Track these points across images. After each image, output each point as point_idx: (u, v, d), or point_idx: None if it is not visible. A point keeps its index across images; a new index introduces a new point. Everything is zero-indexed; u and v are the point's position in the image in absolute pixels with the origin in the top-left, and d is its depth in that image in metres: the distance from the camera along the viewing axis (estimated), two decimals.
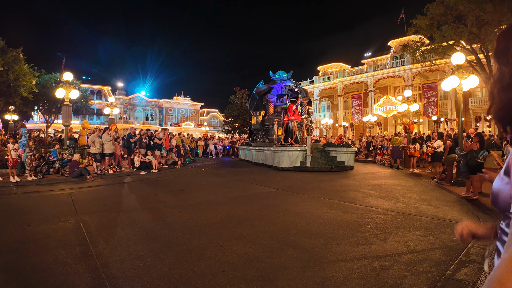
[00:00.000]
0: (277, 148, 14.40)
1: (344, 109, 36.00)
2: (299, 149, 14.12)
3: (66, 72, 13.27)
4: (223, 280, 3.14)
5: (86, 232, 4.71)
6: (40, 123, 37.86)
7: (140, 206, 6.63)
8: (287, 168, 13.66)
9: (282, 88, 17.34)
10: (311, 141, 14.02)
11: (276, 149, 14.35)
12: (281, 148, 14.23)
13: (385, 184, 9.71)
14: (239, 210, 6.27)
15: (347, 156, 14.26)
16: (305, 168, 13.39)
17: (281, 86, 17.43)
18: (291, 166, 13.68)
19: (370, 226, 5.04)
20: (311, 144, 13.93)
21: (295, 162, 13.80)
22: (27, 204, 6.90)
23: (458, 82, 9.47)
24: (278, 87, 17.57)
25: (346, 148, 14.63)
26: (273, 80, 18.10)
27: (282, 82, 17.49)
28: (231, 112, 38.20)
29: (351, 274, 3.27)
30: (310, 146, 13.67)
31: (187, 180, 11.07)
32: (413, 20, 17.36)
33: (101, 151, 11.69)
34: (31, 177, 9.93)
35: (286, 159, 13.84)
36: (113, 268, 3.42)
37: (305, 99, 17.79)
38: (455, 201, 7.21)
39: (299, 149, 14.07)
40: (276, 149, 14.32)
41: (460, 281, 3.09)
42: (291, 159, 13.82)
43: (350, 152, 14.50)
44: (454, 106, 26.30)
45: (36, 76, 19.03)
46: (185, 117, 55.41)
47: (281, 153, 13.98)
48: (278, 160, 14.03)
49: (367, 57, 37.50)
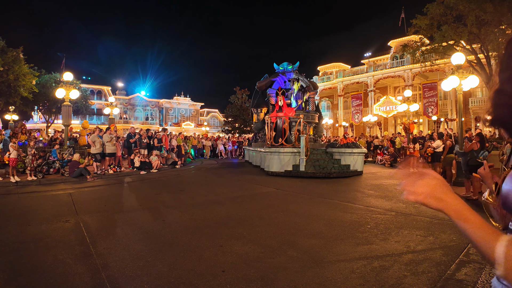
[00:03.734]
0: (266, 149, 12.63)
1: (344, 109, 36.01)
2: (291, 150, 12.03)
3: (66, 72, 13.27)
4: (223, 280, 3.14)
5: (86, 232, 4.71)
6: (40, 123, 37.84)
7: (140, 206, 6.63)
8: (277, 173, 11.71)
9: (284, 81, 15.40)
10: (307, 141, 12.04)
11: (265, 150, 12.60)
12: (270, 149, 12.34)
13: (385, 184, 9.71)
14: (239, 210, 6.28)
15: (353, 159, 12.16)
16: (298, 173, 11.44)
17: (283, 79, 15.44)
18: (281, 171, 11.73)
19: (370, 226, 5.04)
20: (307, 144, 12.00)
21: (286, 165, 11.88)
22: (27, 204, 6.90)
23: (458, 82, 9.47)
24: (280, 80, 15.56)
25: (350, 149, 12.31)
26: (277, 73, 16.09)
27: (286, 75, 15.45)
28: (231, 112, 38.19)
29: (351, 274, 3.27)
30: (304, 147, 11.68)
31: (187, 180, 11.07)
32: (413, 20, 17.37)
33: (101, 151, 11.69)
34: (31, 177, 9.93)
35: (276, 162, 11.92)
36: (113, 268, 3.42)
37: (312, 93, 15.72)
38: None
39: (291, 151, 12.02)
40: (266, 150, 12.54)
41: (460, 281, 3.09)
42: (282, 162, 11.88)
43: (356, 154, 12.22)
44: (454, 106, 26.31)
45: (36, 76, 19.04)
46: (185, 117, 55.42)
47: (270, 155, 12.07)
48: (268, 163, 12.14)
49: (367, 57, 37.48)
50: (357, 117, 32.52)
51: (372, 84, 31.96)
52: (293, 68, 15.64)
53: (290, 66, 15.69)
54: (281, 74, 15.48)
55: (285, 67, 15.74)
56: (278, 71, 15.80)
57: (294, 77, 15.24)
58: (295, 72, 15.46)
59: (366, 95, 32.63)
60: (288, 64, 15.72)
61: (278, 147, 12.51)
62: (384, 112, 30.09)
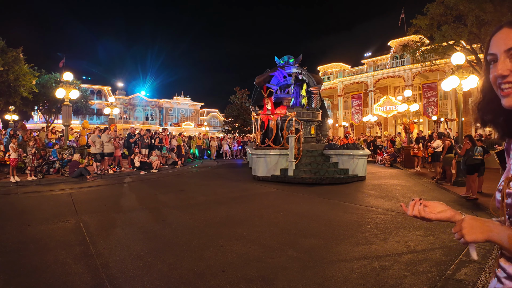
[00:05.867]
0: (253, 150, 11.48)
1: (344, 109, 36.01)
2: (278, 152, 10.68)
3: (66, 72, 13.27)
4: (223, 280, 3.14)
5: (86, 232, 4.71)
6: (40, 123, 37.83)
7: (140, 206, 6.63)
8: (264, 177, 10.50)
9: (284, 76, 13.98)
10: (297, 141, 10.66)
11: (252, 152, 11.50)
12: (256, 151, 11.11)
13: (385, 184, 9.71)
14: (239, 210, 6.28)
15: (352, 162, 10.68)
16: (286, 178, 10.09)
17: (282, 73, 13.98)
18: (268, 175, 10.48)
19: (370, 226, 5.04)
20: (296, 145, 10.59)
21: (273, 170, 10.57)
22: (27, 204, 6.90)
23: (458, 82, 9.48)
24: (279, 75, 14.07)
25: (350, 151, 10.79)
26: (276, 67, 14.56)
27: (285, 69, 13.90)
28: (231, 112, 38.17)
29: (351, 274, 3.27)
30: (293, 148, 10.33)
31: (187, 180, 11.07)
32: (413, 20, 17.36)
33: (101, 151, 11.70)
34: (31, 177, 9.93)
35: (262, 165, 10.69)
36: (113, 268, 3.42)
37: (315, 88, 13.86)
38: (455, 201, 7.21)
39: (278, 153, 10.66)
40: (252, 152, 11.42)
41: (460, 281, 3.09)
42: (268, 165, 10.62)
43: (357, 157, 10.72)
44: (454, 106, 26.28)
45: (36, 76, 19.02)
46: (185, 117, 55.41)
47: (257, 158, 10.90)
48: (255, 166, 11.00)
49: (367, 57, 37.46)
50: (357, 117, 32.52)
51: (372, 84, 31.96)
52: (295, 61, 14.11)
53: (291, 59, 14.18)
54: (280, 68, 14.04)
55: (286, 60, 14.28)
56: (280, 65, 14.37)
57: (294, 71, 13.80)
58: (296, 66, 13.99)
59: (366, 95, 32.63)
60: (289, 57, 14.22)
61: (265, 149, 11.11)
62: (384, 112, 30.09)
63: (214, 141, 22.38)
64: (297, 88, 14.16)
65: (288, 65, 13.93)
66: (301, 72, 13.77)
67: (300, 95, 13.97)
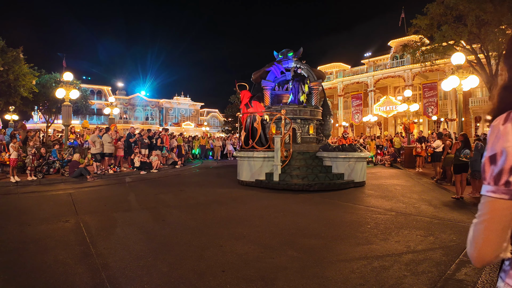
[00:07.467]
0: (237, 153, 10.72)
1: (344, 109, 36.01)
2: (263, 154, 9.73)
3: (66, 72, 13.27)
4: (223, 280, 3.14)
5: (86, 232, 4.71)
6: (40, 123, 37.84)
7: (140, 206, 6.63)
8: (248, 182, 9.62)
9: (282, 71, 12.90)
10: (283, 142, 9.65)
11: (236, 154, 10.72)
12: (239, 153, 10.31)
13: (385, 184, 9.72)
14: (239, 210, 6.28)
15: (348, 166, 9.51)
16: (270, 184, 9.09)
17: (279, 68, 12.86)
18: (252, 180, 9.58)
19: (370, 226, 5.04)
20: (284, 147, 9.69)
21: (258, 174, 9.65)
22: (27, 204, 6.91)
23: (458, 82, 9.48)
24: (276, 70, 12.89)
25: (345, 153, 9.61)
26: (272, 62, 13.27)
27: (282, 63, 12.80)
28: (231, 112, 38.18)
29: (351, 274, 3.28)
30: (279, 150, 9.32)
31: (187, 180, 11.07)
32: (413, 20, 17.36)
33: (101, 151, 11.69)
34: (31, 177, 9.93)
35: (246, 169, 9.82)
36: (113, 268, 3.42)
37: (315, 83, 12.65)
38: (455, 201, 7.21)
39: (263, 155, 9.72)
40: (236, 154, 10.68)
41: (460, 281, 3.09)
42: (253, 169, 9.73)
43: (353, 160, 9.54)
44: (454, 106, 26.28)
45: (36, 76, 18.99)
46: (185, 117, 55.43)
47: (241, 161, 10.08)
48: (239, 170, 10.12)
49: (367, 57, 37.47)
50: (357, 117, 32.52)
51: (372, 84, 31.97)
52: (294, 54, 12.90)
53: (290, 53, 12.90)
54: (277, 63, 12.95)
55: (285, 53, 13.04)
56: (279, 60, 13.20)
57: (293, 65, 12.70)
58: (295, 60, 12.78)
59: (366, 95, 32.63)
60: (288, 50, 12.96)
61: (248, 151, 10.16)
62: (384, 112, 30.10)
63: (218, 141, 21.91)
64: (296, 84, 12.96)
65: (286, 60, 12.78)
66: (300, 66, 12.63)
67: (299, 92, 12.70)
